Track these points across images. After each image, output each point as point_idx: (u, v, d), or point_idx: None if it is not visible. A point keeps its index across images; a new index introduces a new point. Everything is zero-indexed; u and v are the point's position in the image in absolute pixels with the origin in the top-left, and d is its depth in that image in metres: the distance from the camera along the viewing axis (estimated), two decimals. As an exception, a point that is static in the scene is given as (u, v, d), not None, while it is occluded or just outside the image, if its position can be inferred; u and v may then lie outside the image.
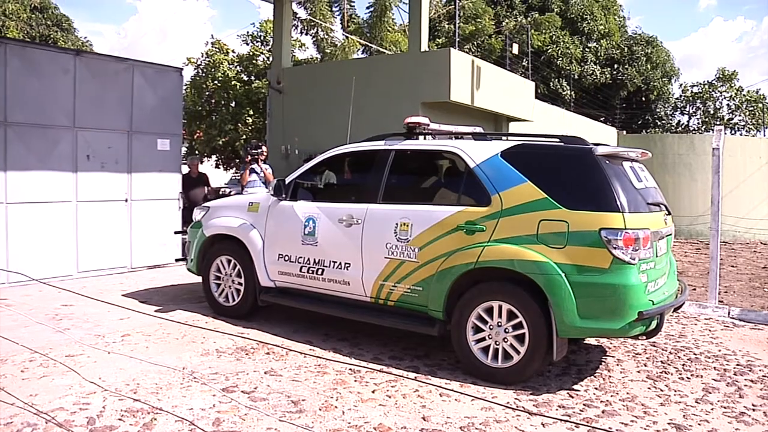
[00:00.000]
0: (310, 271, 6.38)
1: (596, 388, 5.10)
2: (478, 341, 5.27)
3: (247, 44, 22.93)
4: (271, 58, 18.48)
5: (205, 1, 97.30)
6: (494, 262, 5.18)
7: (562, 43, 30.52)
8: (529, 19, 30.94)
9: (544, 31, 30.49)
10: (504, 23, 30.20)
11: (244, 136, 20.88)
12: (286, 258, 6.56)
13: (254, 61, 22.03)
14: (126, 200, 9.91)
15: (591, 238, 4.86)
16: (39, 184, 8.84)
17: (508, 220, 5.19)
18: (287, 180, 6.79)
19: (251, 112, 21.13)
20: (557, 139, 5.52)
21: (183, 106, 10.71)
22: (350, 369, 5.35)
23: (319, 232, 6.31)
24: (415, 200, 5.95)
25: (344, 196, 6.55)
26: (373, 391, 4.84)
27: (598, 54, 32.12)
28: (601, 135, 20.83)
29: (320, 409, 4.43)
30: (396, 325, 5.89)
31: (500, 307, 5.17)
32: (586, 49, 31.65)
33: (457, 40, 20.14)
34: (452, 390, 4.93)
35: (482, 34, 29.09)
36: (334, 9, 25.47)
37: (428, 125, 6.33)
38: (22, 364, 5.19)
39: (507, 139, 5.87)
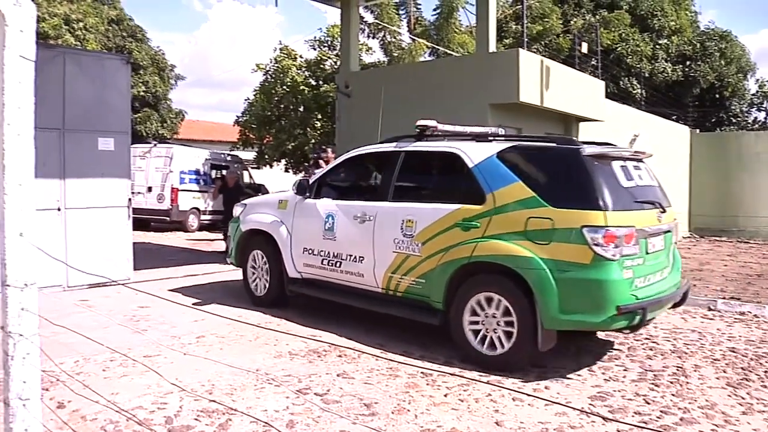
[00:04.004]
0: (330, 264, 6.96)
1: (673, 395, 4.96)
2: (474, 331, 5.65)
3: (315, 49, 23.14)
4: (338, 63, 18.61)
5: (273, 8, 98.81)
6: (485, 257, 5.57)
7: (631, 41, 29.80)
8: (597, 17, 30.36)
9: (613, 29, 29.85)
10: (572, 22, 29.66)
11: (313, 140, 21.07)
12: (310, 251, 7.17)
13: (322, 66, 22.22)
14: (59, 209, 8.66)
15: (574, 235, 5.14)
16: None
17: (500, 217, 5.55)
18: (311, 180, 7.48)
19: (319, 116, 21.31)
20: (551, 141, 5.96)
21: (131, 99, 9.67)
22: (422, 372, 5.34)
23: (338, 227, 6.88)
24: (420, 198, 6.39)
25: (359, 195, 7.05)
26: (445, 395, 4.82)
27: (669, 51, 31.23)
28: (673, 134, 20.27)
29: (393, 413, 4.43)
30: (402, 315, 6.33)
31: (492, 299, 5.54)
32: (657, 46, 30.79)
33: (525, 40, 19.90)
34: (525, 394, 4.87)
35: (550, 34, 28.67)
36: (400, 12, 25.49)
37: (437, 128, 6.67)
38: (103, 363, 5.37)
39: (506, 141, 6.18)
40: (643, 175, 5.96)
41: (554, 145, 5.81)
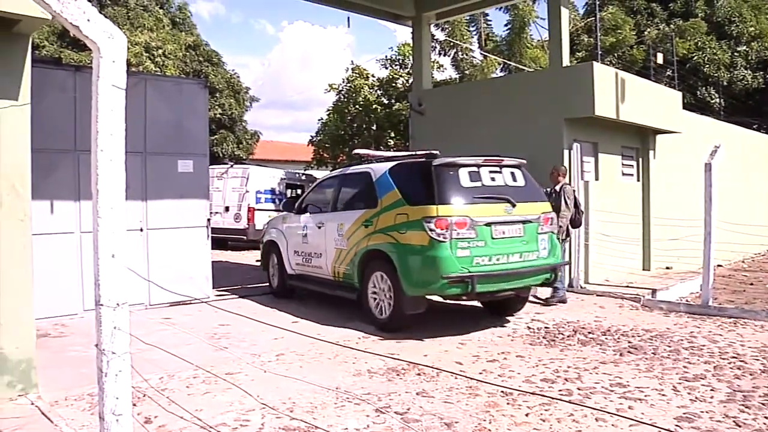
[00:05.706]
0: (306, 261, 9.19)
1: (766, 417, 4.73)
2: (374, 301, 7.62)
3: (386, 68, 23.31)
4: (410, 81, 18.70)
5: (345, 28, 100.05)
6: (373, 246, 7.63)
7: (708, 49, 28.84)
8: (672, 26, 29.60)
9: (688, 37, 29.00)
10: (645, 33, 29.01)
11: (386, 158, 21.16)
12: (297, 252, 9.44)
13: (394, 84, 22.34)
14: (141, 230, 8.90)
15: (418, 224, 7.02)
16: (35, 214, 7.30)
17: (383, 216, 7.56)
18: (297, 200, 9.99)
19: (393, 135, 21.43)
20: (421, 156, 7.75)
21: (209, 122, 10.02)
22: (502, 391, 5.26)
23: (309, 233, 9.13)
24: (348, 207, 8.46)
25: (320, 208, 9.17)
26: (526, 415, 4.73)
27: (749, 58, 30.03)
28: (754, 144, 19.50)
29: (473, 432, 4.38)
30: (340, 294, 8.39)
31: (381, 276, 7.51)
32: (735, 54, 29.67)
33: (599, 52, 19.57)
34: (609, 413, 4.72)
35: (623, 45, 28.10)
36: (471, 29, 25.44)
37: (369, 154, 9.15)
38: (187, 380, 5.52)
39: (401, 160, 8.15)
40: (497, 178, 7.57)
41: (419, 159, 7.72)
